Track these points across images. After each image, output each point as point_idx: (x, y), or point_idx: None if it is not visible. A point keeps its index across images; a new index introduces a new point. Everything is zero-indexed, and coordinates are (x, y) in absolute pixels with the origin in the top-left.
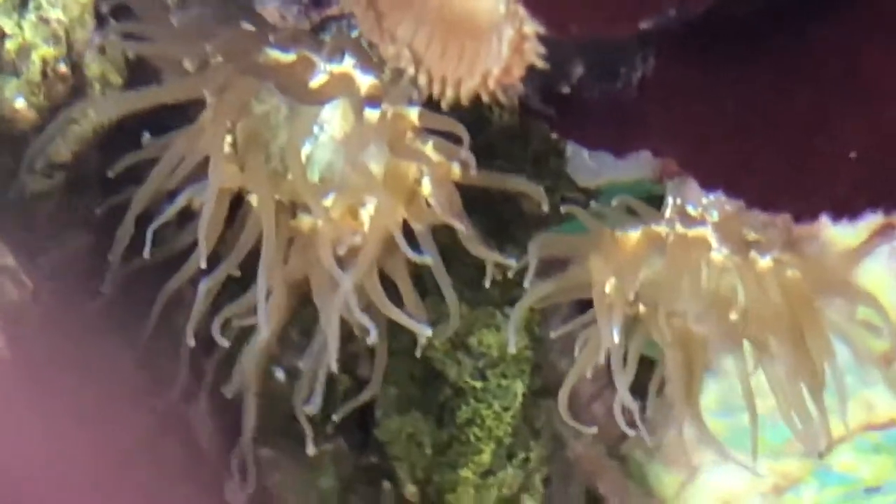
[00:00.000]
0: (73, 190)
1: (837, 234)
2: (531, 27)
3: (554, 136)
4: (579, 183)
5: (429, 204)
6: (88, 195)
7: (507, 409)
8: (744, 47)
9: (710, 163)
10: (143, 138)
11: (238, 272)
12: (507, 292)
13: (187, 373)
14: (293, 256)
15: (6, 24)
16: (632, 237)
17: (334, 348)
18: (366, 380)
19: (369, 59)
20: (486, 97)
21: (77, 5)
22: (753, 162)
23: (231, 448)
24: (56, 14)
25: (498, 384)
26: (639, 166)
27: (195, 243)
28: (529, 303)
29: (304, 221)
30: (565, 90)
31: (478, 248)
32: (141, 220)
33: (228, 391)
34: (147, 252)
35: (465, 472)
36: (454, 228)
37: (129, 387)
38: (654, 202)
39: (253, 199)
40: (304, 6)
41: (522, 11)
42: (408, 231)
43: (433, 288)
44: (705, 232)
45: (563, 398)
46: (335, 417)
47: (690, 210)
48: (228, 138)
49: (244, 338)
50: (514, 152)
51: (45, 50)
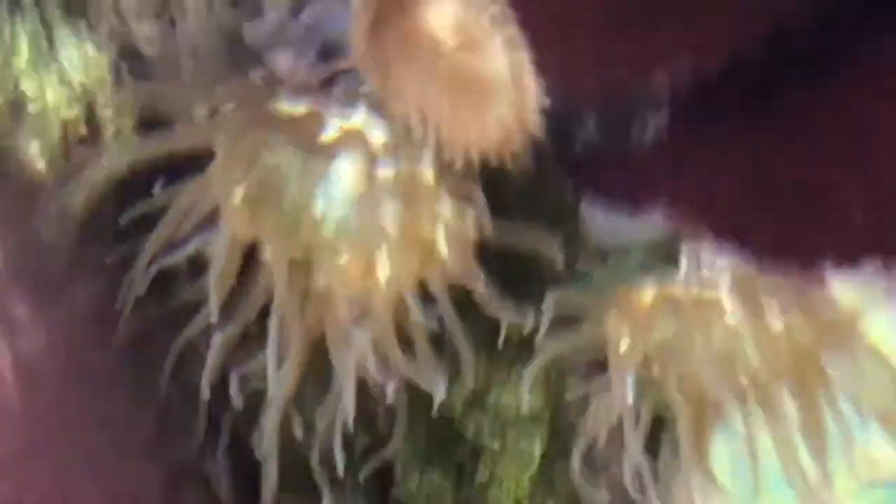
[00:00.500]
0: (87, 240)
1: (847, 294)
2: (534, 94)
3: (569, 192)
4: (594, 241)
5: (444, 262)
6: (102, 245)
7: (525, 469)
8: (752, 109)
9: (718, 221)
10: (155, 188)
11: (252, 325)
12: (526, 349)
13: (204, 427)
14: (308, 312)
15: (28, 88)
16: (646, 297)
17: (350, 405)
18: (382, 436)
19: (381, 113)
20: (494, 160)
21: (97, 67)
22: (761, 219)
23: None
24: (78, 77)
25: (516, 444)
26: (654, 225)
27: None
28: (542, 363)
29: (319, 277)
30: (578, 148)
31: (493, 307)
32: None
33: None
34: (158, 302)
35: None
36: None
37: (143, 439)
38: (670, 261)
39: (266, 252)
40: (314, 58)
41: (528, 79)
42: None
43: (452, 343)
44: (719, 295)
45: (576, 461)
46: (360, 477)
47: (705, 272)
48: (239, 189)
49: (262, 393)
50: (529, 209)
51: (66, 112)
